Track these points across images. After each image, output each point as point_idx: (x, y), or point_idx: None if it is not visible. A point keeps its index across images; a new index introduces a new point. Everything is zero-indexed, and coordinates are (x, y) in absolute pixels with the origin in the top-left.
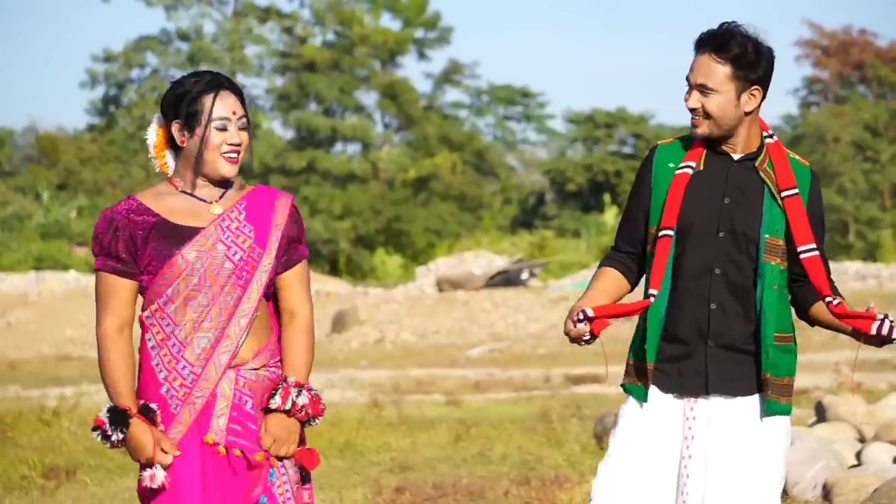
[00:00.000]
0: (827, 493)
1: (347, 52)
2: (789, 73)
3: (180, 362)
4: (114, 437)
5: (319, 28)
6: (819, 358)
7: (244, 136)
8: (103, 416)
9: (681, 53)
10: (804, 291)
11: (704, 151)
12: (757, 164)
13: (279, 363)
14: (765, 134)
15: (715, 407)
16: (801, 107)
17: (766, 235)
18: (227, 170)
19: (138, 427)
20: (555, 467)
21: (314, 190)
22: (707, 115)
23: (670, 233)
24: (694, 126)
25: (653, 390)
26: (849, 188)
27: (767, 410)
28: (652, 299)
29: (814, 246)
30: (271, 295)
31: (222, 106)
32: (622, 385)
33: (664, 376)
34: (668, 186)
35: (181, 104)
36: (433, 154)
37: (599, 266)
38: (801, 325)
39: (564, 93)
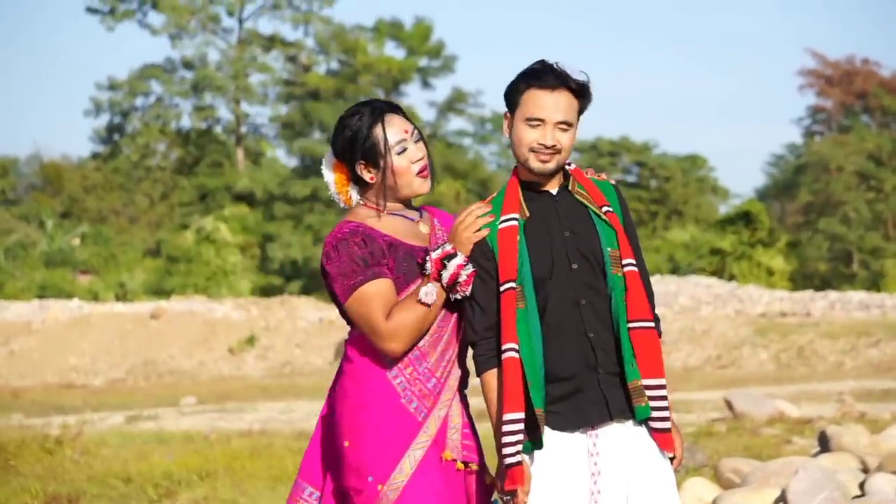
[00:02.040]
0: None
1: (351, 81)
2: (793, 103)
3: (423, 373)
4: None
5: (323, 56)
6: (822, 388)
7: (422, 146)
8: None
9: (685, 82)
10: None
11: (520, 198)
12: (570, 189)
13: None
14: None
15: (616, 435)
16: (804, 136)
17: (609, 249)
18: (424, 186)
19: None
20: None
21: (318, 218)
22: (558, 151)
23: (512, 286)
24: (544, 163)
25: (550, 434)
26: (852, 217)
27: (640, 415)
28: (514, 354)
29: (633, 262)
30: None
31: (393, 131)
32: None
33: (558, 417)
34: (497, 243)
35: (356, 146)
36: (437, 182)
37: (481, 372)
38: (805, 355)
39: None
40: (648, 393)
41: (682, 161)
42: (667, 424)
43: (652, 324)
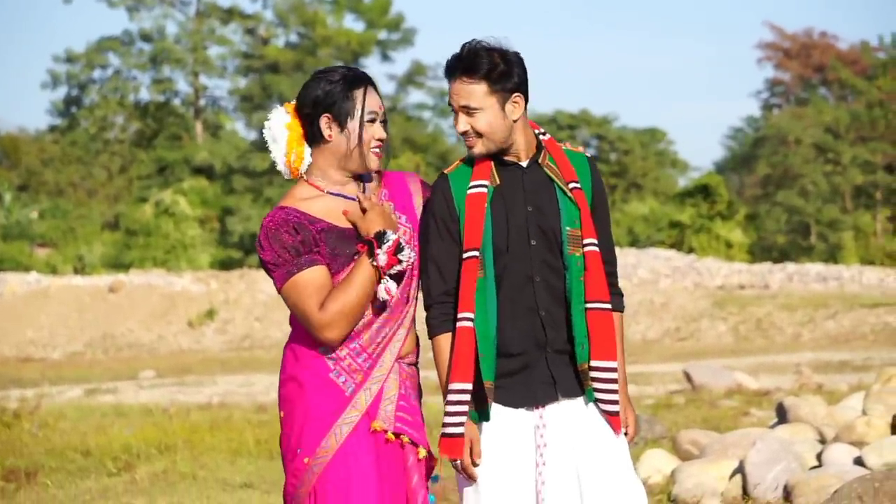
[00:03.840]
0: (788, 493)
1: (310, 53)
2: (751, 76)
3: (354, 349)
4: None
5: (282, 29)
6: (780, 360)
7: (385, 129)
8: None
9: (643, 55)
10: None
11: (492, 166)
12: (540, 161)
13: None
14: (537, 132)
15: (563, 410)
16: (762, 109)
17: (567, 228)
18: (374, 163)
19: None
20: None
21: (277, 191)
22: (479, 134)
23: (475, 254)
24: (470, 147)
25: (496, 408)
26: (810, 190)
27: (589, 399)
28: (469, 324)
29: (595, 241)
30: None
31: (371, 101)
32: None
33: (506, 392)
34: (465, 208)
35: (331, 98)
36: (396, 156)
37: (433, 335)
38: (763, 327)
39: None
40: (598, 375)
41: (642, 134)
42: (615, 407)
43: (609, 305)
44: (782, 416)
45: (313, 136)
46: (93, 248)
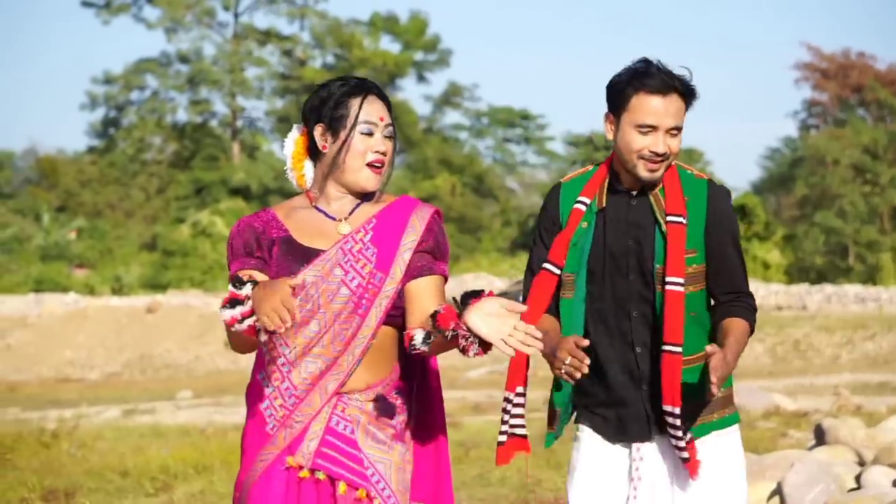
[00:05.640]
0: None
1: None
2: (789, 96)
3: (284, 382)
4: (244, 292)
5: (319, 50)
6: (819, 381)
7: (389, 144)
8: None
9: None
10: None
11: (602, 186)
12: (648, 192)
13: (398, 396)
14: None
15: (659, 446)
16: (800, 129)
17: (657, 266)
18: (370, 181)
19: (263, 282)
20: (554, 490)
21: None
22: (667, 157)
23: (555, 270)
24: (651, 171)
25: (589, 436)
26: (848, 211)
27: (697, 433)
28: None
29: (680, 281)
30: (400, 323)
31: (369, 110)
32: (577, 425)
33: (603, 422)
34: (567, 220)
35: (325, 106)
36: (433, 176)
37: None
38: (801, 349)
39: (564, 115)
40: (668, 419)
41: (679, 155)
42: (684, 454)
43: (679, 349)
44: (821, 437)
45: (313, 148)
46: (130, 269)
